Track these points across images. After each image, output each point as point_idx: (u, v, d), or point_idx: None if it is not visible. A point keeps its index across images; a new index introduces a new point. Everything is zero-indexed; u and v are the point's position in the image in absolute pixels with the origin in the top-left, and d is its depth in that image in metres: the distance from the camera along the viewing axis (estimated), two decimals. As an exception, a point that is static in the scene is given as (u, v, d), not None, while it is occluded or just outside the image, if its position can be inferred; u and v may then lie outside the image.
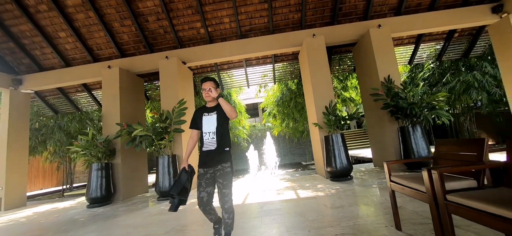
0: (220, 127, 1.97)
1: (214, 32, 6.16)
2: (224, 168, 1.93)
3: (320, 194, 3.61)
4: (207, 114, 2.04)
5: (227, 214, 1.95)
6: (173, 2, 5.59)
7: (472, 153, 1.67)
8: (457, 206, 1.34)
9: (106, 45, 6.26)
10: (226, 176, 1.92)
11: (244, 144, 11.19)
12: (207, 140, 1.97)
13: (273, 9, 5.81)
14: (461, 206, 1.32)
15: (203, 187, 1.91)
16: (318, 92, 5.22)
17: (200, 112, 2.07)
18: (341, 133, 4.69)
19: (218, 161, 1.93)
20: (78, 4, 5.53)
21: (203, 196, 1.89)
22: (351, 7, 5.89)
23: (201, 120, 2.03)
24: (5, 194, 5.83)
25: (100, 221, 3.52)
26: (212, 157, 1.93)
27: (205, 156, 1.96)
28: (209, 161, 1.93)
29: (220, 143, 1.95)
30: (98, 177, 4.81)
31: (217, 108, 2.04)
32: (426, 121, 4.09)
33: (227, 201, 1.92)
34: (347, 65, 7.37)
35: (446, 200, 1.40)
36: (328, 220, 2.44)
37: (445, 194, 1.40)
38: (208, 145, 1.95)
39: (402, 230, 1.95)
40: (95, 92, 7.49)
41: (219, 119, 1.99)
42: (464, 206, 1.30)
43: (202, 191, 1.90)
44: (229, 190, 1.94)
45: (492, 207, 1.16)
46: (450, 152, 1.92)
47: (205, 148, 1.97)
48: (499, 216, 1.12)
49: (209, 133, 1.97)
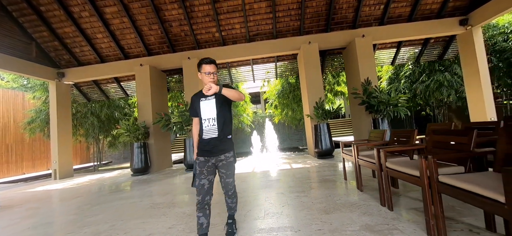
0: (221, 112, 1.85)
1: (227, 36, 7.44)
2: (227, 158, 1.86)
3: (307, 166, 5.16)
4: (204, 99, 1.88)
5: (230, 199, 1.98)
6: (193, 11, 6.83)
7: (463, 142, 1.76)
8: (447, 186, 1.48)
9: (135, 45, 7.56)
10: (229, 166, 1.87)
11: (248, 129, 12.71)
12: (207, 126, 1.84)
13: (277, 17, 7.05)
14: (451, 186, 1.46)
15: (205, 174, 1.82)
16: (311, 90, 6.64)
17: (197, 98, 1.93)
18: (327, 122, 6.16)
19: (221, 150, 1.84)
20: (115, 12, 6.77)
21: (204, 183, 1.80)
22: (342, 17, 7.13)
23: (199, 106, 1.89)
24: (58, 167, 7.41)
25: (145, 183, 5.06)
26: (214, 145, 1.82)
27: (206, 144, 1.84)
28: (211, 149, 1.82)
29: (222, 130, 1.84)
30: (139, 153, 6.34)
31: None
32: (388, 115, 5.54)
33: (231, 189, 1.93)
34: (339, 64, 8.69)
35: (439, 182, 1.54)
36: (308, 177, 3.97)
37: (437, 176, 1.55)
38: (209, 132, 1.83)
39: (362, 189, 3.27)
40: (123, 84, 8.87)
41: (218, 102, 1.85)
42: (454, 186, 1.44)
43: (203, 178, 1.81)
44: (233, 179, 1.92)
45: (478, 188, 1.29)
46: (441, 141, 2.02)
47: (205, 135, 1.85)
48: (487, 197, 1.23)
49: (208, 119, 1.84)
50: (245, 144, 13.40)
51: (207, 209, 1.79)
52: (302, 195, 3.01)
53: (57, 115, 7.54)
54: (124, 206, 3.29)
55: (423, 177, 1.65)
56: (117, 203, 3.52)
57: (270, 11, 6.89)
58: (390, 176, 2.24)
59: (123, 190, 4.54)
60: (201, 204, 1.76)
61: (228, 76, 9.03)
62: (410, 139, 2.60)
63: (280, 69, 8.90)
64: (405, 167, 1.95)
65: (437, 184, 1.58)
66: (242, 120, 12.00)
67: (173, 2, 6.55)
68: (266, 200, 2.94)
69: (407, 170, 1.90)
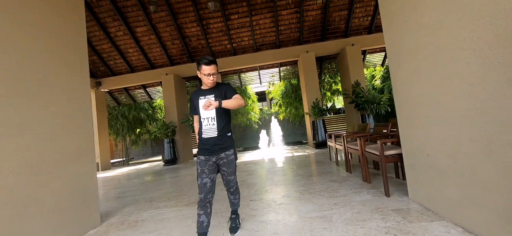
0: (220, 110, 1.87)
1: (237, 47, 8.88)
2: (227, 156, 1.90)
3: (306, 154, 6.61)
4: (203, 97, 1.90)
5: (233, 195, 2.05)
6: (209, 28, 8.29)
7: (385, 130, 3.48)
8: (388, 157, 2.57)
9: (160, 57, 9.10)
10: (230, 164, 1.91)
11: (255, 126, 14.18)
12: (206, 125, 1.87)
13: (279, 30, 8.44)
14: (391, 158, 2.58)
15: (206, 173, 1.84)
16: (309, 92, 8.04)
17: (197, 96, 1.94)
18: (323, 119, 7.56)
19: (221, 148, 1.88)
20: (144, 31, 8.30)
21: (206, 182, 1.82)
22: (335, 28, 8.45)
23: (198, 104, 1.91)
24: (100, 160, 9.10)
25: (178, 170, 6.61)
26: (214, 143, 1.86)
27: (205, 143, 1.88)
28: (211, 148, 1.86)
29: (222, 129, 1.88)
30: (169, 147, 7.92)
31: (214, 90, 1.91)
32: (371, 112, 6.89)
33: (233, 186, 1.99)
34: (335, 66, 10.02)
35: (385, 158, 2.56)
36: (306, 161, 5.43)
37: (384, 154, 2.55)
38: (208, 131, 1.87)
39: (338, 165, 4.84)
40: (148, 89, 10.47)
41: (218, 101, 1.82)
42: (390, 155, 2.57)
43: (205, 177, 1.83)
44: (234, 176, 1.97)
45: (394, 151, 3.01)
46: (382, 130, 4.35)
47: (205, 134, 1.88)
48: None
49: (208, 118, 1.87)
50: (253, 139, 14.88)
51: (208, 207, 1.81)
52: (297, 170, 4.47)
53: (97, 118, 9.21)
54: (175, 181, 4.83)
55: (367, 152, 3.08)
56: (168, 180, 5.08)
57: (273, 25, 8.28)
58: (350, 153, 3.67)
59: (166, 173, 6.11)
60: (202, 201, 1.79)
61: (238, 80, 10.50)
62: (387, 130, 4.01)
63: (283, 73, 10.30)
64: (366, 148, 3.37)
65: (384, 158, 3.00)
66: (250, 117, 13.47)
67: (192, 22, 8.03)
68: (272, 172, 4.42)
69: (369, 149, 3.32)
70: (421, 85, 2.01)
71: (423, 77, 1.96)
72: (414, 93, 2.12)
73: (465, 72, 1.54)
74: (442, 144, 1.82)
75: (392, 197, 2.45)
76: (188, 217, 2.58)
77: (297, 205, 2.57)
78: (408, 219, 1.93)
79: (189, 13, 7.79)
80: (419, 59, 1.99)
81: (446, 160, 1.80)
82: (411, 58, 2.10)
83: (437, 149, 1.90)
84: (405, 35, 2.16)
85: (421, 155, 2.11)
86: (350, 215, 2.14)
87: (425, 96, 1.97)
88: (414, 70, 2.08)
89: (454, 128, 1.69)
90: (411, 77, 2.14)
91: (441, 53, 1.73)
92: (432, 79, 1.87)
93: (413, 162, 2.26)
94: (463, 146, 1.62)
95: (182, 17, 7.88)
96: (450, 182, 1.80)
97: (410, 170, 2.31)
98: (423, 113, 2.02)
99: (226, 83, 2.01)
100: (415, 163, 2.22)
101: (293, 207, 2.52)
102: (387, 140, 2.71)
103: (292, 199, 2.78)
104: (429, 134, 1.97)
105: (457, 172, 1.70)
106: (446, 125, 1.77)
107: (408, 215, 2.00)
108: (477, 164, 1.53)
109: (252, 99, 12.46)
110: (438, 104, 1.83)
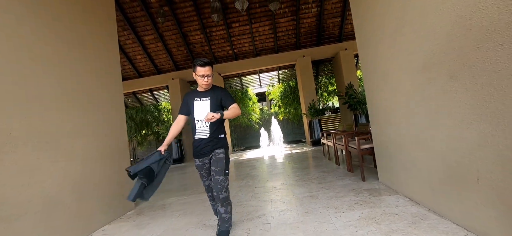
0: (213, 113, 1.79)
1: (238, 52, 9.56)
2: (216, 154, 1.87)
3: (303, 150, 7.30)
4: (199, 99, 1.90)
5: (223, 207, 1.83)
6: (212, 36, 8.96)
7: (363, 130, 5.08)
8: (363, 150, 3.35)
9: (166, 63, 9.78)
10: (218, 162, 1.85)
11: (256, 126, 14.86)
12: (199, 128, 1.87)
13: (277, 36, 9.11)
14: (365, 150, 3.27)
15: (205, 177, 1.92)
16: (305, 94, 8.72)
17: (191, 96, 1.94)
18: (319, 118, 8.24)
19: (212, 149, 1.88)
20: (152, 39, 8.97)
21: (208, 184, 1.93)
22: (330, 34, 9.13)
23: (192, 105, 1.90)
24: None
25: (186, 167, 7.29)
26: (205, 145, 1.86)
27: (197, 145, 1.88)
28: (202, 149, 1.87)
29: (214, 131, 1.87)
30: (176, 147, 8.60)
31: (210, 93, 1.91)
32: (363, 112, 7.57)
33: (221, 190, 1.81)
34: (331, 68, 10.70)
35: (361, 150, 3.36)
36: (303, 157, 6.11)
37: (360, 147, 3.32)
38: (201, 133, 1.87)
39: (330, 159, 5.51)
40: (154, 92, 11.15)
41: (213, 105, 1.87)
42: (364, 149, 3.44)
43: (205, 180, 1.95)
44: (223, 177, 1.84)
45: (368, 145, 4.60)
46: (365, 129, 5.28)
47: (197, 136, 1.88)
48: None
49: (202, 120, 1.86)
50: (254, 138, 15.56)
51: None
52: (293, 163, 5.15)
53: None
54: (186, 177, 5.51)
55: (347, 146, 3.76)
56: (179, 176, 5.76)
57: (272, 32, 8.95)
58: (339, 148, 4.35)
59: (175, 171, 6.80)
60: (211, 197, 2.03)
61: (240, 83, 11.19)
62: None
63: (282, 75, 10.99)
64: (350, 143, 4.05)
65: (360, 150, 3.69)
66: (250, 118, 14.14)
67: (196, 30, 8.70)
68: (272, 167, 5.10)
69: (351, 144, 4.00)
70: (380, 94, 2.70)
71: (381, 88, 2.64)
72: (377, 100, 2.81)
73: (401, 87, 2.22)
74: (394, 140, 2.51)
75: (366, 181, 3.14)
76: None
77: (292, 189, 3.25)
78: (373, 195, 2.61)
79: (193, 22, 8.45)
80: (378, 74, 2.68)
81: (396, 151, 2.48)
82: (374, 73, 2.78)
83: (391, 143, 2.58)
84: (370, 54, 2.83)
85: (383, 148, 2.80)
86: (332, 194, 2.83)
87: (382, 102, 2.66)
88: (376, 83, 2.76)
89: (399, 127, 2.37)
90: (376, 87, 2.83)
91: (391, 72, 2.41)
92: (386, 90, 2.55)
93: (380, 154, 2.94)
94: (405, 140, 2.30)
95: (187, 26, 8.55)
96: (399, 167, 2.48)
97: (379, 160, 3.00)
98: (382, 116, 2.71)
99: (223, 89, 2.03)
100: (381, 154, 2.90)
101: (289, 191, 3.20)
102: (364, 136, 3.40)
103: (289, 186, 3.47)
104: (387, 132, 2.66)
105: (402, 160, 2.39)
106: (394, 125, 2.46)
107: (375, 192, 2.68)
108: (412, 152, 2.21)
109: (253, 101, 13.12)
110: (390, 109, 2.52)
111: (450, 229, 1.70)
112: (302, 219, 2.22)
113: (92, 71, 3.00)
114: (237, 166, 6.11)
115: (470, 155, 1.54)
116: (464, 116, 1.54)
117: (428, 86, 1.86)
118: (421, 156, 2.10)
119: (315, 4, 8.20)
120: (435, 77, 1.77)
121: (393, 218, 1.99)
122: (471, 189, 1.57)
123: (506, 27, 1.18)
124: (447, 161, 1.76)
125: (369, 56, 2.90)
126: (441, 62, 1.68)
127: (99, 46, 3.21)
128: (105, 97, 3.18)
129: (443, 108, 1.72)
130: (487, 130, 1.37)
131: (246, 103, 12.63)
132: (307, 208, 2.48)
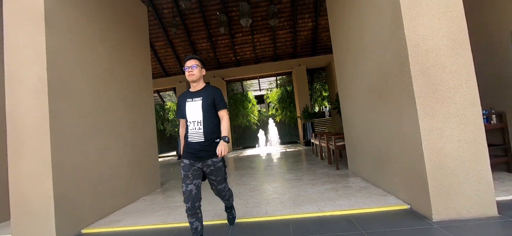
0: (207, 114, 1.79)
1: (240, 59, 10.59)
2: (214, 163, 1.81)
3: (297, 149, 8.33)
4: (190, 100, 1.84)
5: (227, 201, 2.09)
6: (217, 44, 9.99)
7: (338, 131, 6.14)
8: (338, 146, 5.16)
9: (174, 66, 10.78)
10: (218, 172, 1.84)
11: (254, 127, 15.88)
12: (192, 129, 1.81)
13: (276, 46, 10.16)
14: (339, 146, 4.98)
15: (190, 179, 1.74)
16: (300, 99, 9.78)
17: (184, 98, 1.88)
18: (311, 121, 9.30)
19: (207, 155, 1.79)
20: (162, 45, 9.97)
21: (191, 189, 1.71)
22: (324, 45, 10.20)
23: (185, 106, 1.85)
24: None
25: None
26: (200, 149, 1.77)
27: (191, 148, 1.80)
28: (197, 153, 1.77)
29: (208, 134, 1.79)
30: (182, 143, 9.60)
31: (202, 93, 1.84)
32: (349, 116, 8.65)
33: (225, 194, 1.97)
34: (325, 75, 11.78)
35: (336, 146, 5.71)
36: (295, 154, 7.14)
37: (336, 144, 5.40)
38: (194, 136, 1.80)
39: (317, 155, 6.52)
40: (161, 93, 12.12)
41: (204, 105, 1.80)
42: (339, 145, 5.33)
43: (189, 183, 1.72)
44: (225, 184, 1.92)
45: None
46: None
47: (190, 138, 1.81)
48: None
49: (194, 122, 1.80)
50: (252, 139, 16.56)
51: (198, 213, 1.75)
52: (287, 159, 6.18)
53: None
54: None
55: (332, 144, 4.80)
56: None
57: (271, 42, 10.00)
58: (323, 146, 5.38)
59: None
60: (191, 210, 1.70)
61: (241, 86, 12.21)
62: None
63: (279, 81, 12.05)
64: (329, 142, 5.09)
65: (336, 147, 4.72)
66: (249, 119, 15.16)
67: (203, 38, 9.72)
68: (268, 161, 6.12)
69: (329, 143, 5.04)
70: (348, 104, 3.75)
71: (348, 100, 3.69)
72: (346, 109, 3.87)
73: (359, 101, 3.25)
74: (356, 138, 3.56)
75: (340, 170, 4.18)
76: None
77: (283, 175, 4.29)
78: (341, 177, 3.65)
79: (201, 31, 9.48)
80: (347, 89, 3.72)
81: (357, 146, 3.53)
82: (345, 88, 3.83)
83: (354, 140, 3.62)
84: (342, 72, 3.87)
85: (351, 144, 3.84)
86: (313, 177, 3.86)
87: (349, 111, 3.71)
88: (346, 95, 3.81)
89: (358, 128, 3.42)
90: (346, 98, 3.87)
91: (354, 89, 3.45)
92: (351, 102, 3.60)
93: (349, 149, 3.99)
94: (361, 137, 3.33)
95: (195, 34, 9.57)
96: (358, 157, 3.53)
97: (348, 153, 4.04)
98: (350, 120, 3.76)
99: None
100: (349, 149, 3.94)
101: (280, 176, 4.23)
102: (340, 136, 4.44)
103: (281, 173, 4.50)
104: (352, 132, 3.70)
105: (360, 152, 3.43)
106: (356, 127, 3.50)
107: (343, 176, 3.72)
108: (364, 146, 3.25)
109: (253, 103, 14.14)
110: (354, 115, 3.56)
111: (379, 192, 2.74)
112: (288, 190, 3.25)
113: (137, 81, 4.00)
114: (238, 161, 7.12)
115: (387, 145, 2.58)
116: (387, 121, 2.58)
117: (369, 101, 2.91)
118: (367, 148, 3.14)
119: (310, 19, 9.27)
120: (371, 96, 2.81)
121: (347, 189, 3.03)
122: (389, 167, 2.60)
123: (399, 70, 2.22)
124: (379, 150, 2.80)
125: (341, 75, 3.95)
126: (374, 88, 2.72)
127: (141, 61, 4.21)
128: (144, 100, 4.18)
129: (377, 116, 2.77)
130: (394, 130, 2.41)
131: (245, 105, 13.64)
132: (292, 185, 3.51)
